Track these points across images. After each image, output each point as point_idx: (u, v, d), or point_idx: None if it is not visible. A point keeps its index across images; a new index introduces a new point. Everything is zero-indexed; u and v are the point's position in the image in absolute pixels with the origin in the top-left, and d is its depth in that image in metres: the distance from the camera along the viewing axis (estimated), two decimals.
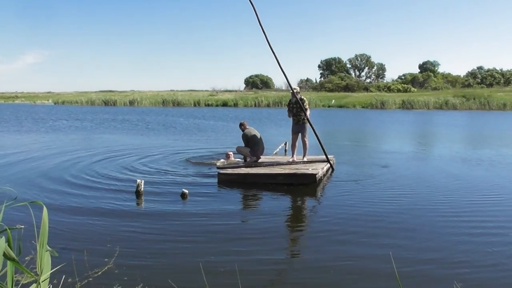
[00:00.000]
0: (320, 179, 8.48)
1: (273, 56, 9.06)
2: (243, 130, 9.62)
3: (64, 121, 27.68)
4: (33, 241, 2.94)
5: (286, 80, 10.26)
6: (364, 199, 7.07)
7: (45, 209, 1.61)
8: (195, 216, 6.03)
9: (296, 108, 9.31)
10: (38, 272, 1.53)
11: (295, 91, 9.29)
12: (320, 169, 8.56)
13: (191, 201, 6.83)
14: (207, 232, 5.34)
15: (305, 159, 9.40)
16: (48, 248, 1.61)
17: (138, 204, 6.79)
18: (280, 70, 9.37)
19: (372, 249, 4.76)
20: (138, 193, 7.15)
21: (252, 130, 9.61)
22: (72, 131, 20.03)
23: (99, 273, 3.96)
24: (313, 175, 8.13)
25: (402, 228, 5.56)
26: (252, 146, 9.42)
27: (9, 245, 1.53)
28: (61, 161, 10.64)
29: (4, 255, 1.42)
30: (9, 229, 1.54)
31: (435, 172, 9.82)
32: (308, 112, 9.26)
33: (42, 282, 1.52)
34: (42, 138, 16.65)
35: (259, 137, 9.54)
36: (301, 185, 8.02)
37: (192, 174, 9.09)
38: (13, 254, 1.43)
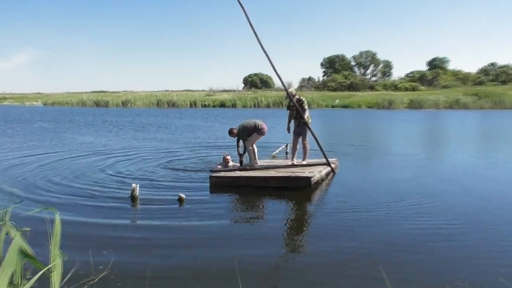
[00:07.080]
0: (317, 183, 8.48)
1: (268, 60, 9.24)
2: (237, 132, 9.45)
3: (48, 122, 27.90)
4: (41, 242, 3.23)
5: (281, 83, 10.48)
6: (359, 205, 7.08)
7: (57, 214, 2.03)
8: (190, 220, 6.21)
9: (295, 110, 9.54)
10: (51, 269, 1.81)
11: (291, 93, 9.50)
12: (317, 173, 8.58)
13: (187, 206, 7.01)
14: (204, 236, 5.56)
15: (304, 162, 9.54)
16: (59, 251, 1.93)
17: (133, 209, 6.95)
18: (275, 73, 9.57)
19: (360, 252, 4.99)
20: (133, 198, 7.31)
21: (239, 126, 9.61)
22: (64, 133, 20.21)
23: (95, 280, 4.03)
24: (308, 178, 8.14)
25: (393, 237, 5.54)
26: (252, 127, 9.33)
27: None
28: (52, 165, 10.82)
29: (21, 251, 1.68)
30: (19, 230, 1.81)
31: (439, 179, 9.34)
32: (306, 114, 9.46)
33: (54, 278, 1.82)
34: (30, 140, 16.83)
35: (251, 120, 9.59)
36: (296, 189, 8.07)
37: (187, 178, 9.30)
38: (29, 250, 1.70)
